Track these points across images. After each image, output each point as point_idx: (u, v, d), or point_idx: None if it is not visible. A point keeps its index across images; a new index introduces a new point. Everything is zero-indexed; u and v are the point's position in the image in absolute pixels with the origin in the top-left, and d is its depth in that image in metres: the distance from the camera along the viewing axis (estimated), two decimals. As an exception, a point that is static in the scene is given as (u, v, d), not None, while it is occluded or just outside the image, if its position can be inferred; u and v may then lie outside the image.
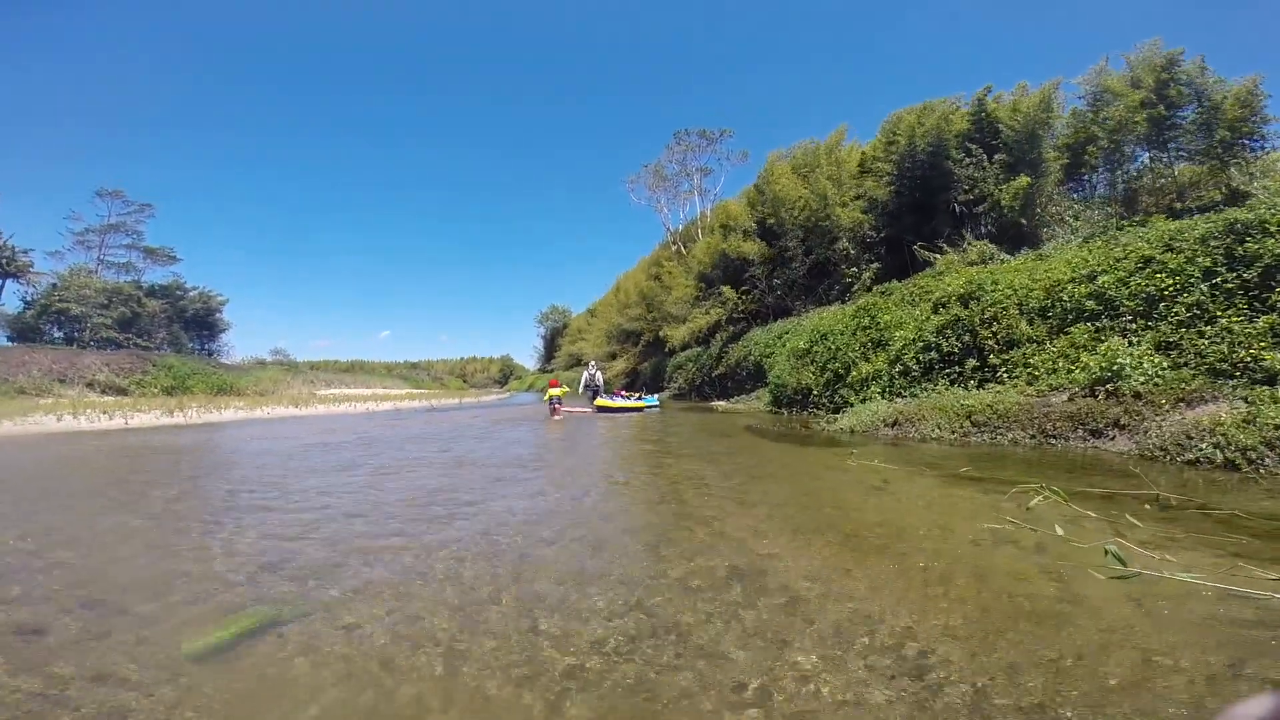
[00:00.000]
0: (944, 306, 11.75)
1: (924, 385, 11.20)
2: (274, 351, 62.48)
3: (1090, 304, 9.78)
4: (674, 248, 40.24)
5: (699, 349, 31.20)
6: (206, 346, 51.48)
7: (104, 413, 15.17)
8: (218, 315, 50.76)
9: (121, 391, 23.76)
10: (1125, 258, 9.95)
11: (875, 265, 21.14)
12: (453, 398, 34.54)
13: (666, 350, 36.05)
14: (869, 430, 10.10)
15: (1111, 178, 20.99)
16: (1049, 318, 10.40)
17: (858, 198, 22.47)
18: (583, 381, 20.76)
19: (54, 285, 42.46)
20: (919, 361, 11.50)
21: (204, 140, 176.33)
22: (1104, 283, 9.80)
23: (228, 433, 13.05)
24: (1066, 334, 9.77)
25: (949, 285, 12.29)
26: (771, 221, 24.41)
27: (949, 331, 11.22)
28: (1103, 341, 9.20)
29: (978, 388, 10.41)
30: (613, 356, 46.17)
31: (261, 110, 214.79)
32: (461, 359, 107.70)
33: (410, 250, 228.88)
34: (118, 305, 43.09)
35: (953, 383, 10.83)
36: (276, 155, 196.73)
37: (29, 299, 42.90)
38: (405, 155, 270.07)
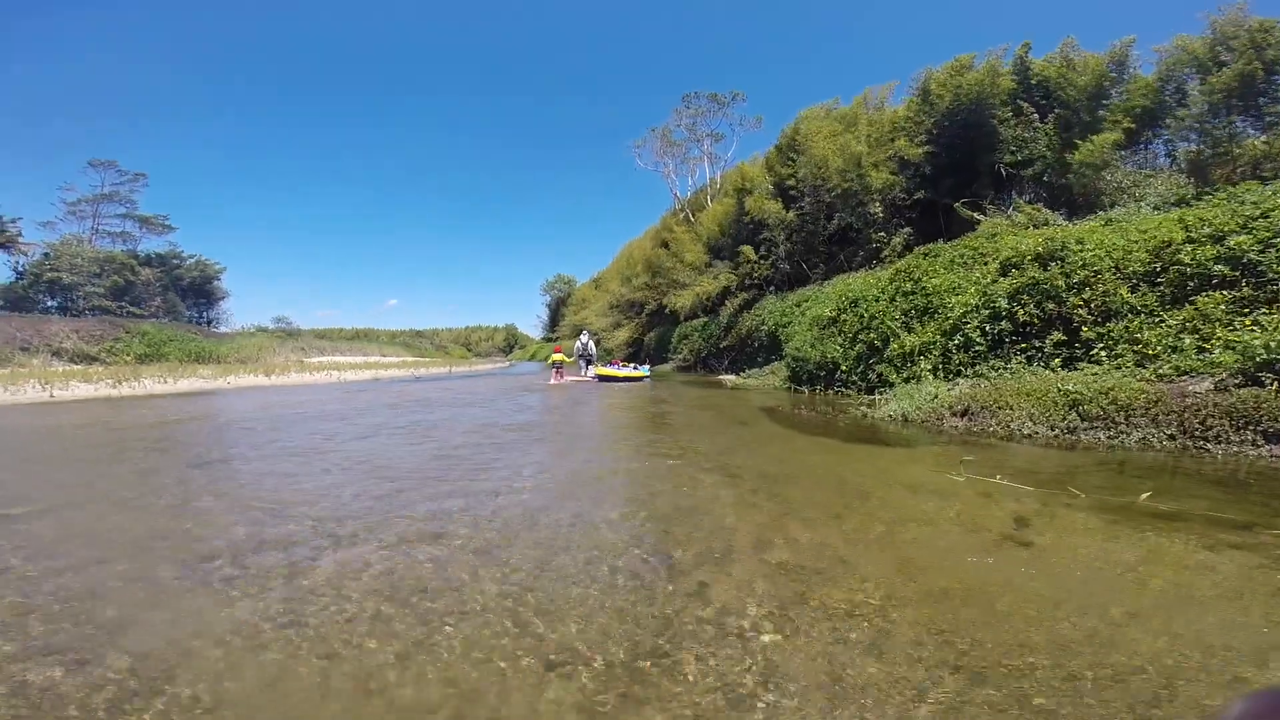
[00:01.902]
0: (1017, 268, 9.41)
1: (991, 362, 8.95)
2: (276, 320, 60.36)
3: (1221, 269, 7.46)
4: (682, 215, 37.59)
5: (706, 318, 28.90)
6: (205, 315, 49.57)
7: (43, 384, 13.14)
8: (215, 283, 48.68)
9: (91, 359, 21.73)
10: (1262, 216, 7.62)
11: (906, 230, 18.66)
12: (443, 367, 32.36)
13: (669, 317, 33.85)
14: (928, 420, 7.90)
15: (1172, 145, 18.81)
16: (1158, 284, 8.09)
17: (889, 158, 19.88)
18: (575, 350, 20.96)
19: (45, 255, 40.50)
20: (985, 333, 9.23)
21: (208, 121, 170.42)
22: (1238, 244, 7.47)
23: (152, 407, 10.98)
24: (1190, 304, 7.47)
25: (1021, 244, 9.92)
26: (792, 183, 21.82)
27: (1024, 297, 8.92)
28: (1243, 315, 6.95)
29: (1063, 367, 8.16)
30: (616, 326, 43.88)
31: (268, 98, 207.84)
32: (466, 328, 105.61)
33: (418, 219, 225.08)
34: (110, 274, 41.15)
35: (1030, 360, 8.57)
36: (282, 139, 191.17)
37: (21, 269, 41.01)
38: (414, 131, 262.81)
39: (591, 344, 21.09)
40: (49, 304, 41.63)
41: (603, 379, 18.80)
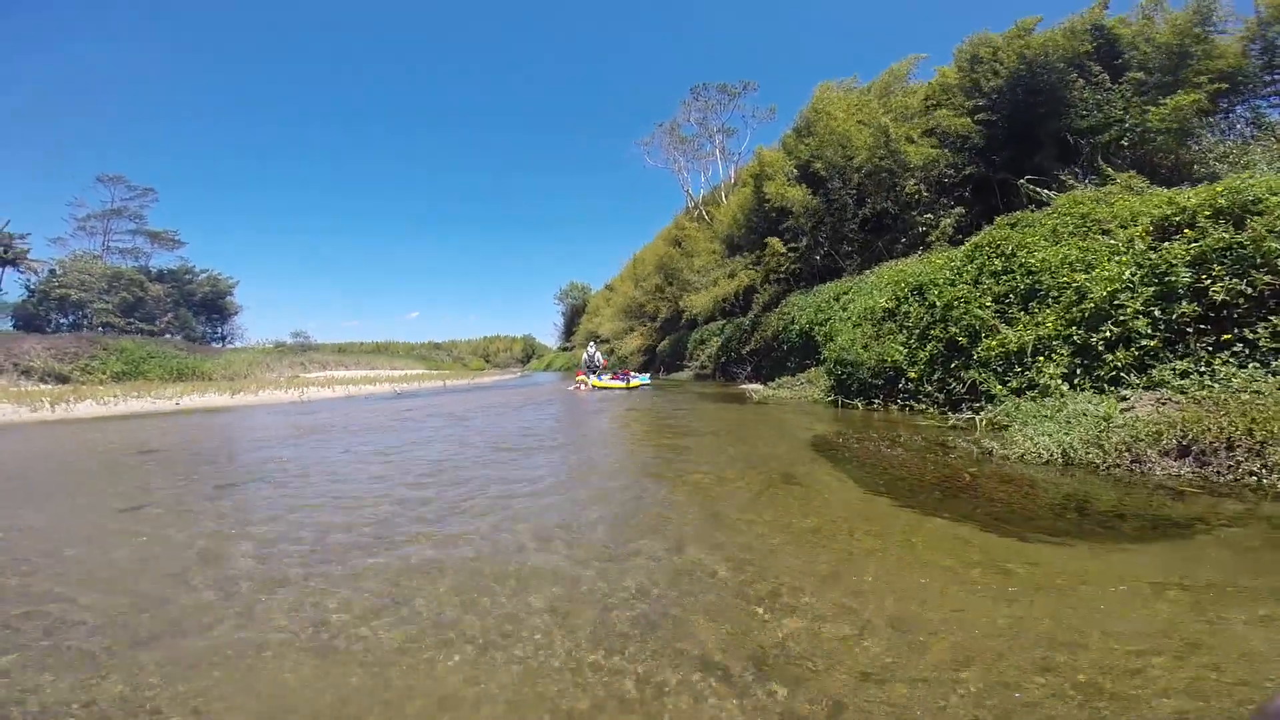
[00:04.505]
0: (1190, 227, 6.36)
1: (1174, 365, 5.89)
2: (294, 334, 58.45)
3: None
4: (696, 213, 34.73)
5: (724, 321, 25.96)
6: (219, 330, 47.80)
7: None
8: (228, 298, 46.84)
9: (63, 379, 19.48)
10: None
11: (958, 210, 15.59)
12: (436, 380, 29.56)
13: (684, 323, 30.96)
14: (1117, 461, 4.82)
15: (1259, 110, 15.78)
16: None
17: (928, 133, 16.86)
18: (583, 361, 21.15)
19: (52, 271, 38.97)
20: (1154, 322, 6.16)
21: (217, 128, 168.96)
22: None
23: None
24: None
25: (1182, 198, 6.87)
26: (819, 165, 18.85)
27: (1216, 268, 5.86)
28: None
29: (1297, 369, 5.10)
30: (629, 331, 41.08)
31: (273, 100, 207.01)
32: (485, 338, 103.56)
33: (439, 231, 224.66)
34: (119, 290, 39.46)
35: (1240, 362, 5.50)
36: (292, 144, 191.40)
37: (32, 286, 39.58)
38: (424, 137, 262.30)
39: (598, 355, 21.33)
40: (61, 321, 40.17)
41: (596, 389, 19.37)
